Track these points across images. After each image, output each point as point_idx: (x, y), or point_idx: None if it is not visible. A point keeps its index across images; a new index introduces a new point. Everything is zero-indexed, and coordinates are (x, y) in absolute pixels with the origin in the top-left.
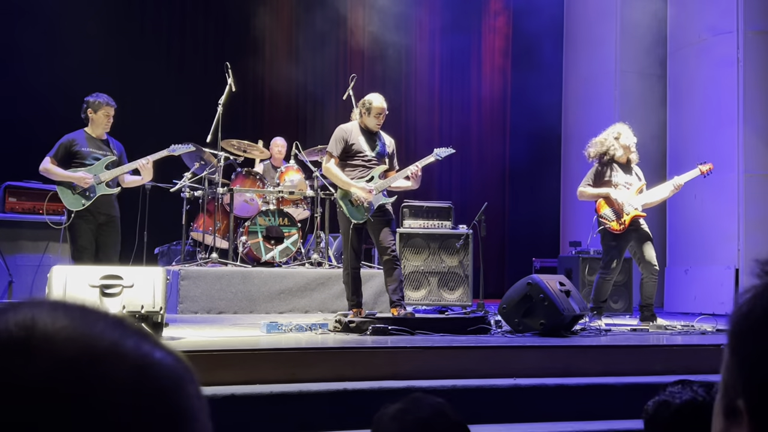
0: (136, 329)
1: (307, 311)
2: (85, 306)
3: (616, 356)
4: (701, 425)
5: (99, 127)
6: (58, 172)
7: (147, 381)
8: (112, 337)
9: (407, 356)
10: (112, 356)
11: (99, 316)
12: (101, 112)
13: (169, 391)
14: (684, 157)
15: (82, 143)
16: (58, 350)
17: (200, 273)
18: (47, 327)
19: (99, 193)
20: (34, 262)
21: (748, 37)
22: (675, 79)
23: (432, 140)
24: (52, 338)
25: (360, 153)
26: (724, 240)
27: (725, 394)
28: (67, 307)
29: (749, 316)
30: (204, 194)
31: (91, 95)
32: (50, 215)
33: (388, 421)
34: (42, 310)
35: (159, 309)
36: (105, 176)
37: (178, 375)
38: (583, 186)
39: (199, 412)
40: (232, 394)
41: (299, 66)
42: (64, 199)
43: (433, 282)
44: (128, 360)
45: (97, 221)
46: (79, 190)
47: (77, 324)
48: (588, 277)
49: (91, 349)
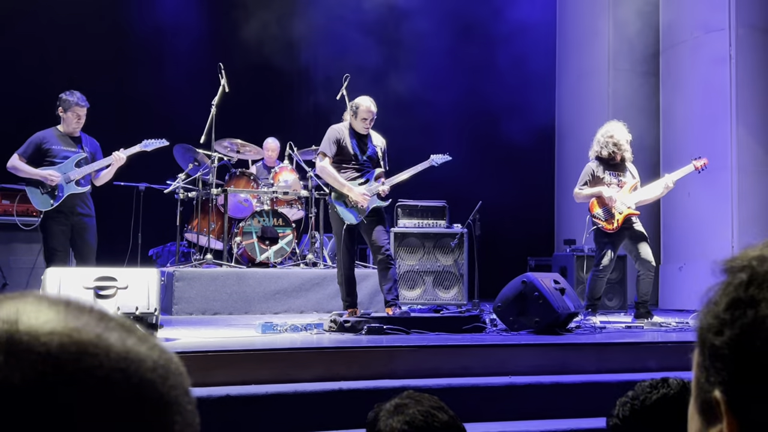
0: (120, 322)
1: (302, 311)
2: (70, 300)
3: (611, 353)
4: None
5: (70, 125)
6: (25, 169)
7: (132, 373)
8: (96, 330)
9: (403, 355)
10: (96, 349)
11: (83, 310)
12: (71, 111)
13: (154, 383)
14: (677, 155)
15: (52, 141)
16: (41, 343)
17: (195, 274)
18: (31, 320)
19: (68, 192)
20: (28, 264)
21: (740, 35)
22: (668, 76)
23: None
24: (36, 331)
25: (351, 155)
26: (718, 237)
27: (699, 393)
28: (51, 301)
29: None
30: (198, 195)
31: (66, 92)
32: (23, 216)
33: (387, 416)
34: (26, 304)
35: (153, 310)
36: (74, 175)
37: (164, 367)
38: (578, 187)
39: (186, 404)
40: (228, 395)
41: (293, 64)
42: (32, 199)
43: (428, 281)
44: (112, 352)
45: (70, 222)
46: (47, 189)
47: (61, 317)
48: (582, 275)
49: (75, 342)
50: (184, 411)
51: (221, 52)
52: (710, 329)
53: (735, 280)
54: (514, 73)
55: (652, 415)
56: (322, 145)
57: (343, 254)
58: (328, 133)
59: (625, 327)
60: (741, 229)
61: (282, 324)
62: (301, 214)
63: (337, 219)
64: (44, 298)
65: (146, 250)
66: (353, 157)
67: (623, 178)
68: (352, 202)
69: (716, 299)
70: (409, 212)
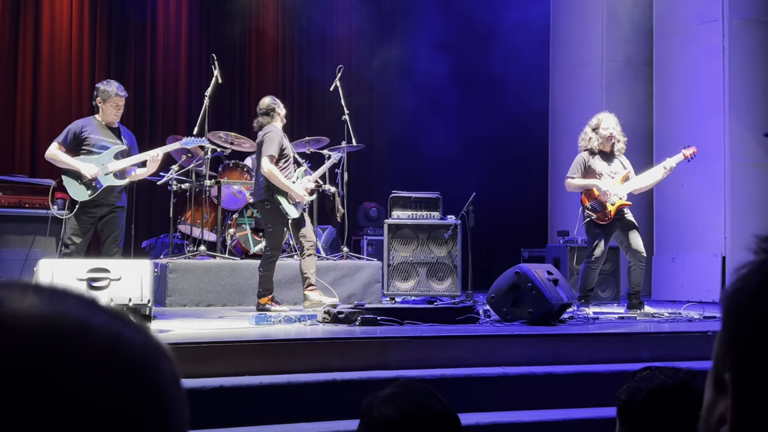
0: (105, 308)
1: (296, 303)
2: (54, 287)
3: (603, 344)
4: (672, 407)
5: (108, 115)
6: (64, 159)
7: (118, 357)
8: (81, 314)
9: (396, 346)
10: (80, 332)
11: (68, 295)
12: (110, 102)
13: (141, 367)
14: (670, 146)
15: (91, 130)
16: (24, 326)
17: (188, 266)
18: (14, 305)
19: (106, 184)
20: (20, 256)
21: (733, 26)
22: (661, 67)
23: (422, 132)
24: (19, 315)
25: (288, 155)
26: (711, 228)
27: (715, 366)
28: (36, 287)
29: (742, 291)
30: (191, 187)
31: (103, 82)
32: (37, 209)
33: (380, 404)
34: (11, 290)
35: (147, 302)
36: (113, 166)
37: (150, 351)
38: (569, 177)
39: (174, 389)
40: (221, 386)
41: (286, 57)
42: (69, 188)
43: (421, 272)
44: (98, 336)
45: (99, 213)
46: (85, 180)
47: (45, 302)
48: (576, 266)
49: (59, 326)
50: (173, 395)
51: (214, 43)
52: (732, 311)
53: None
54: (507, 64)
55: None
56: (271, 148)
57: (279, 246)
58: (272, 135)
59: (618, 318)
60: (733, 220)
61: (276, 315)
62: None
63: (280, 214)
64: (29, 285)
65: (139, 241)
66: (289, 157)
67: (615, 169)
68: (292, 199)
69: (745, 281)
70: (402, 204)
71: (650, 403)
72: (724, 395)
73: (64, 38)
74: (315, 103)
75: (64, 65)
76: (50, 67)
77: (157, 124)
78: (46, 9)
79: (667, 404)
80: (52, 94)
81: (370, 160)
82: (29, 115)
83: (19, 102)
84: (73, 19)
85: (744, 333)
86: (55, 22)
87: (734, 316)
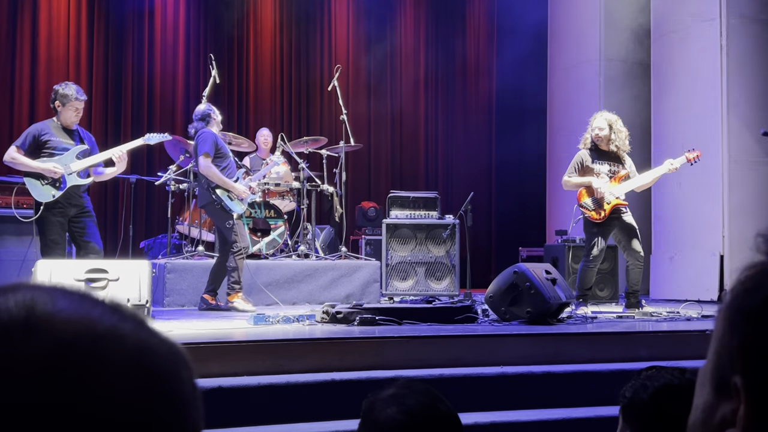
0: (132, 314)
1: (294, 303)
2: (83, 291)
3: (602, 343)
4: (677, 406)
5: (67, 119)
6: (26, 162)
7: (146, 364)
8: (111, 321)
9: (395, 346)
10: (111, 338)
11: (96, 301)
12: (69, 105)
13: (166, 374)
14: (668, 144)
15: (51, 133)
16: (57, 330)
17: (187, 266)
18: (47, 307)
19: (70, 183)
20: (18, 257)
21: (731, 24)
22: (659, 66)
23: (421, 132)
24: (52, 318)
25: (227, 155)
26: (709, 227)
27: (718, 367)
28: (65, 291)
29: (756, 293)
30: (189, 187)
31: (61, 84)
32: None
33: (383, 405)
34: (41, 292)
35: (145, 302)
36: (76, 166)
37: (175, 360)
38: (567, 175)
39: (195, 398)
40: (220, 387)
41: (284, 57)
42: (32, 190)
43: (420, 272)
44: (127, 343)
45: (68, 214)
46: (48, 180)
47: (76, 306)
48: (574, 266)
49: (91, 331)
50: (194, 405)
51: (212, 43)
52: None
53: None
54: (506, 62)
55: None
56: (207, 146)
57: (245, 238)
58: (204, 136)
59: (617, 317)
60: (732, 219)
61: (274, 315)
62: (293, 205)
63: (224, 212)
64: (58, 288)
65: (137, 242)
66: (228, 158)
67: (614, 168)
68: (234, 196)
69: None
70: (400, 203)
71: (656, 401)
72: (727, 398)
73: (61, 38)
74: (313, 103)
75: (62, 65)
76: (48, 67)
77: (154, 124)
78: (43, 9)
79: (674, 403)
80: (50, 93)
81: (369, 160)
82: (27, 115)
83: (16, 101)
84: (71, 19)
85: (762, 339)
86: (53, 21)
87: (748, 320)
